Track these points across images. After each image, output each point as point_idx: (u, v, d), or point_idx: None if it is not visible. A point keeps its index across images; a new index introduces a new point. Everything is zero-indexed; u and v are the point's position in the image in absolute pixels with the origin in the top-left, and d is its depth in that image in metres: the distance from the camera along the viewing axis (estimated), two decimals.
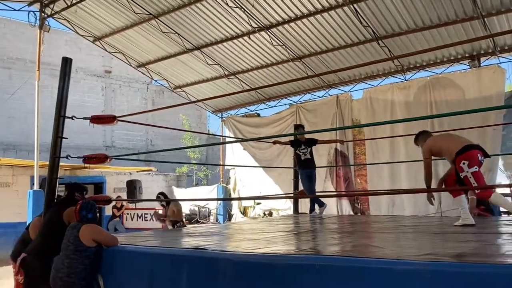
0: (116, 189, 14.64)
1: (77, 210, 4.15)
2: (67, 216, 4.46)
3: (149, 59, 12.68)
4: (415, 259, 2.55)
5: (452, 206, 10.07)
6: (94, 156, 5.10)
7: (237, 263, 3.07)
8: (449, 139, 4.76)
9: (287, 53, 11.13)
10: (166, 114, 22.07)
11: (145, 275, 3.63)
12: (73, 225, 4.14)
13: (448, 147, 4.60)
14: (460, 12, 8.82)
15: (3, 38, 17.95)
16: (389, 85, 11.25)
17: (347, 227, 5.72)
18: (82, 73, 19.86)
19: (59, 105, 5.00)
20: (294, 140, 7.31)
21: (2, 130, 17.63)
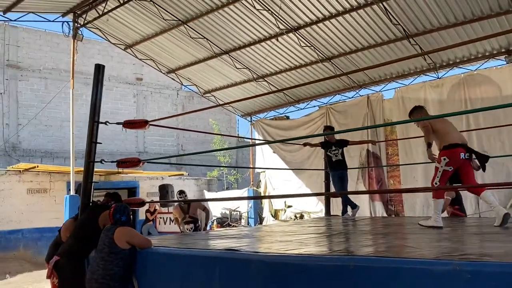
0: (149, 194, 14.89)
1: (111, 213, 4.23)
2: (102, 220, 4.56)
3: (178, 65, 12.86)
4: (453, 259, 2.46)
5: (490, 207, 9.77)
6: (127, 160, 5.22)
7: (270, 264, 3.05)
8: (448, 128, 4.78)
9: (315, 54, 11.05)
10: (196, 119, 22.32)
11: (178, 277, 3.67)
12: (108, 228, 4.22)
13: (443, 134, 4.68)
14: (494, 5, 8.52)
15: (39, 50, 18.59)
16: (421, 84, 10.98)
17: (380, 228, 5.60)
18: (114, 81, 20.33)
19: (92, 111, 5.13)
20: (324, 141, 7.24)
21: (39, 138, 18.25)
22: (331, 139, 7.12)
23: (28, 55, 18.33)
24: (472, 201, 9.87)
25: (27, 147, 18.02)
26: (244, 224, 14.61)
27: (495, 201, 4.68)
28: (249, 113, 14.81)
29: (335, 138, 7.17)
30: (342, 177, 7.05)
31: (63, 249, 4.49)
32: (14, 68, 17.94)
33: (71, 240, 4.54)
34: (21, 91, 18.04)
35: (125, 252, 3.99)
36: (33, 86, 18.30)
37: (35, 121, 18.00)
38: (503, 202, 9.42)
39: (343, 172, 7.07)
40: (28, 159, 16.99)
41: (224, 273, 3.30)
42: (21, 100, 17.97)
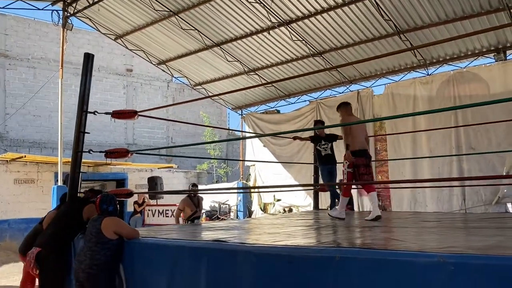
0: (138, 186, 14.84)
1: (98, 203, 4.21)
2: (87, 213, 4.55)
3: (169, 56, 12.78)
4: (438, 251, 2.49)
5: (477, 203, 9.91)
6: (115, 151, 5.18)
7: (257, 255, 3.06)
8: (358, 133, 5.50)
9: (307, 49, 11.05)
10: (187, 112, 22.24)
11: (166, 267, 3.66)
12: (95, 218, 4.21)
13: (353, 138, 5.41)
14: (485, 4, 8.59)
15: (27, 39, 18.35)
16: (411, 80, 11.05)
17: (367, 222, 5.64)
18: (104, 72, 20.16)
19: (81, 100, 5.08)
20: (314, 135, 7.23)
21: (27, 128, 18.06)
22: (321, 133, 7.13)
23: (17, 43, 18.09)
24: (459, 198, 10.00)
25: (15, 137, 17.82)
26: (233, 217, 14.63)
27: (376, 202, 5.44)
28: (239, 106, 14.79)
29: (325, 132, 7.17)
30: (331, 172, 7.05)
31: (44, 240, 4.41)
32: (2, 57, 17.70)
33: (52, 231, 4.47)
34: (9, 80, 17.82)
35: (112, 242, 3.98)
36: (21, 75, 18.08)
37: (23, 111, 17.79)
38: (489, 198, 9.57)
39: (332, 167, 7.06)
40: (15, 149, 16.82)
41: (211, 264, 3.31)
42: (9, 89, 17.75)
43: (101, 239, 3.96)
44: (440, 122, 10.01)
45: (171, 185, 15.38)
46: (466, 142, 9.95)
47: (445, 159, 9.99)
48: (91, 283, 3.89)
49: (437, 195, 10.25)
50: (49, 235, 4.44)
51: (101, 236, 3.97)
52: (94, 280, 3.89)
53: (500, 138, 9.42)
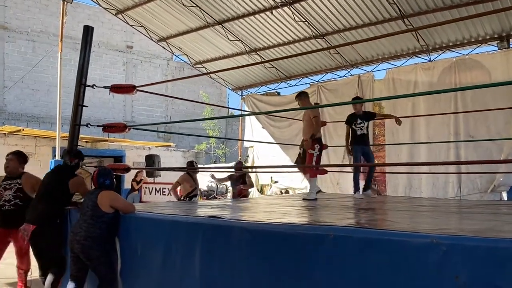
0: (135, 163, 14.85)
1: (95, 177, 4.21)
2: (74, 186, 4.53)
3: (170, 33, 12.65)
4: (431, 232, 2.51)
5: (472, 190, 9.96)
6: (113, 125, 5.17)
7: (252, 231, 3.08)
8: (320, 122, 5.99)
9: (309, 30, 10.94)
10: (186, 91, 22.14)
11: (161, 242, 3.69)
12: (91, 191, 4.23)
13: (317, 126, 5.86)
14: None
15: (27, 11, 18.13)
16: (413, 66, 10.98)
17: (364, 204, 5.67)
18: (104, 48, 19.99)
19: (80, 73, 5.05)
20: (350, 114, 6.66)
21: (26, 102, 17.99)
22: (358, 111, 6.56)
23: (16, 15, 17.88)
24: (454, 185, 10.05)
25: (13, 110, 17.76)
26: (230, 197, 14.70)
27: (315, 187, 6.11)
28: (240, 87, 14.71)
29: (362, 110, 6.64)
30: (366, 152, 6.54)
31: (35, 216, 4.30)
32: (1, 29, 17.50)
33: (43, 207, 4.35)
34: (8, 52, 17.66)
35: (108, 215, 4.00)
36: (20, 48, 17.92)
37: (21, 84, 17.69)
38: (484, 186, 9.62)
39: (366, 147, 6.55)
40: (13, 123, 16.77)
41: (206, 240, 3.33)
42: (8, 62, 17.61)
43: (96, 212, 3.98)
44: (440, 109, 9.99)
45: (168, 164, 15.42)
46: (465, 129, 9.94)
47: (442, 146, 10.01)
48: (85, 255, 3.92)
49: (432, 181, 10.30)
50: (41, 211, 4.33)
51: (97, 209, 3.99)
52: (89, 252, 3.92)
53: (500, 127, 9.41)
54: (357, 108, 6.58)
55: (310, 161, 5.85)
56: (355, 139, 6.53)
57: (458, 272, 2.21)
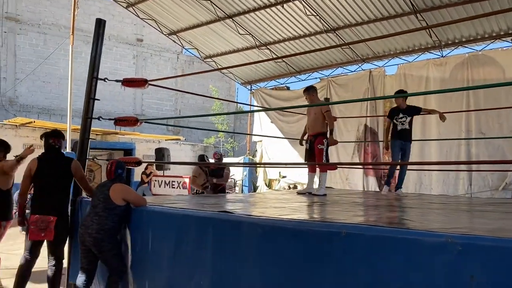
0: (145, 156, 14.92)
1: (113, 169, 4.23)
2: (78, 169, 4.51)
3: (180, 27, 12.64)
4: (446, 231, 2.48)
5: (483, 188, 9.87)
6: (125, 119, 5.18)
7: (263, 227, 3.07)
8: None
9: (320, 24, 10.86)
10: (195, 85, 22.15)
11: (172, 235, 3.70)
12: (103, 184, 4.25)
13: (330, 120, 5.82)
14: None
15: (38, 3, 18.21)
16: (425, 61, 10.87)
17: (374, 201, 5.65)
18: (114, 41, 20.03)
19: (92, 66, 5.06)
20: (392, 108, 6.51)
21: (37, 94, 18.12)
22: (401, 105, 6.32)
23: (28, 8, 17.97)
24: (465, 182, 9.97)
25: (24, 102, 17.89)
26: (238, 192, 14.74)
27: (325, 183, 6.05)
28: (249, 81, 14.68)
29: (406, 104, 6.38)
30: (403, 149, 6.27)
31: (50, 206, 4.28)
32: (13, 21, 17.61)
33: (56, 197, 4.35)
34: (20, 45, 17.77)
35: (120, 208, 4.02)
36: (31, 41, 18.02)
37: (33, 77, 17.81)
38: (495, 183, 9.53)
39: (406, 143, 6.29)
40: (25, 115, 16.90)
41: (216, 234, 3.33)
42: (19, 54, 17.72)
43: (109, 205, 4.01)
44: (451, 105, 9.88)
45: (178, 157, 15.46)
46: (476, 126, 9.84)
47: (453, 143, 9.92)
48: (98, 247, 3.95)
49: (443, 178, 10.22)
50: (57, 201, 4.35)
51: (109, 202, 4.01)
52: (101, 245, 3.94)
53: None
54: (399, 102, 6.33)
55: (321, 156, 5.78)
56: (395, 134, 6.33)
57: (473, 272, 2.19)
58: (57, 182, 4.39)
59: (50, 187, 4.36)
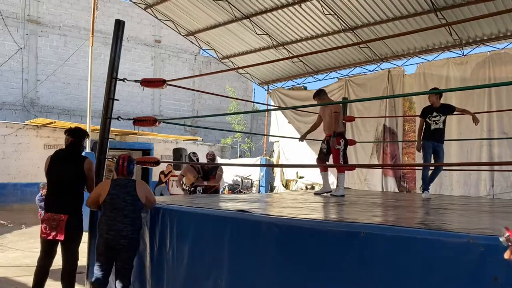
0: (163, 156, 15.06)
1: (126, 165, 4.13)
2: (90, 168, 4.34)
3: (198, 27, 12.70)
4: (468, 232, 2.43)
5: (505, 189, 9.64)
6: (144, 119, 5.21)
7: (280, 227, 3.05)
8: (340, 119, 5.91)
9: (338, 24, 10.78)
10: (213, 86, 22.24)
11: (190, 234, 3.72)
12: (123, 183, 4.05)
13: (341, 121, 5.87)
14: None
15: (59, 6, 18.52)
16: (445, 60, 10.70)
17: (394, 202, 5.58)
18: (133, 42, 20.25)
19: (111, 67, 5.10)
20: (426, 107, 6.19)
21: (57, 95, 18.43)
22: (434, 103, 5.99)
23: (49, 11, 18.29)
24: (487, 183, 9.77)
25: (45, 103, 18.22)
26: (255, 192, 14.73)
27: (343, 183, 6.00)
28: (266, 81, 14.67)
29: (440, 102, 6.04)
30: (437, 150, 5.93)
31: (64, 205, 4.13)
32: (34, 24, 17.95)
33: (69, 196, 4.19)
34: (41, 47, 18.10)
35: (143, 206, 4.07)
36: (52, 43, 18.34)
37: (53, 78, 18.13)
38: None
39: (439, 144, 5.96)
40: (45, 115, 17.22)
41: (234, 234, 3.33)
42: (41, 56, 18.05)
43: (137, 206, 4.00)
44: (473, 104, 9.68)
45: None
46: (498, 126, 9.64)
47: (474, 143, 9.73)
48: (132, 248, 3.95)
49: (464, 179, 10.04)
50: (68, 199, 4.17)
51: (137, 202, 3.98)
52: (135, 245, 4.00)
53: None
54: (433, 100, 6.00)
55: (338, 157, 5.76)
56: (428, 133, 5.98)
57: (496, 273, 2.13)
58: (69, 180, 4.22)
59: (61, 186, 4.21)
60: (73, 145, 4.41)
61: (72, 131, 4.47)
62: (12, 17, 17.43)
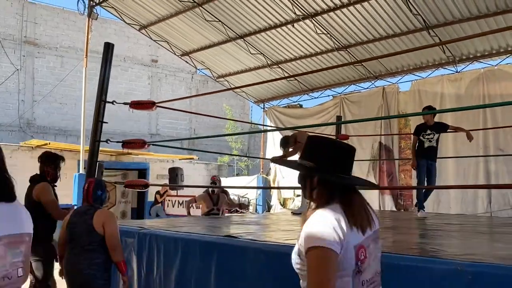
0: (159, 176, 14.93)
1: (91, 190, 3.62)
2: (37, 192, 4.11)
3: (193, 47, 12.76)
4: (456, 258, 2.36)
5: (503, 206, 9.55)
6: (132, 141, 5.18)
7: (267, 252, 2.99)
8: None
9: (332, 42, 10.83)
10: (210, 104, 22.28)
11: (177, 260, 3.64)
12: (83, 211, 3.64)
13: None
14: None
15: (56, 27, 18.66)
16: (439, 77, 10.71)
17: (388, 222, 5.50)
18: (129, 62, 20.35)
19: (100, 90, 5.09)
20: (420, 124, 6.23)
21: (53, 115, 18.42)
22: (428, 121, 6.04)
23: (46, 32, 18.42)
24: (484, 200, 9.68)
25: (41, 123, 18.20)
26: (252, 211, 14.60)
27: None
28: (262, 99, 14.68)
29: (433, 120, 6.09)
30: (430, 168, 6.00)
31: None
32: (31, 45, 18.06)
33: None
34: (37, 68, 18.17)
35: (101, 238, 3.48)
36: (49, 64, 18.42)
37: (50, 99, 18.15)
38: None
39: (432, 163, 6.01)
40: (42, 136, 17.17)
41: (221, 259, 3.26)
42: (37, 77, 18.11)
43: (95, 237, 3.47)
44: (468, 121, 9.66)
45: (191, 176, 15.44)
46: (494, 142, 9.60)
47: (471, 159, 9.67)
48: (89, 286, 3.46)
49: (461, 196, 9.94)
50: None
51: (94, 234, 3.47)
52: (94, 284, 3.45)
53: None
54: (427, 118, 6.03)
55: None
56: (421, 151, 6.00)
57: None
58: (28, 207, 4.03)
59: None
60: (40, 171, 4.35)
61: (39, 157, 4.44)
62: (9, 39, 17.54)
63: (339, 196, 1.65)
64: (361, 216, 1.63)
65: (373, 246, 1.65)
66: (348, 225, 1.56)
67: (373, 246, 1.65)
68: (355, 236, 1.56)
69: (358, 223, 1.59)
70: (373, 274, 1.63)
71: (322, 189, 1.68)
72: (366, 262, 1.58)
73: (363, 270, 1.56)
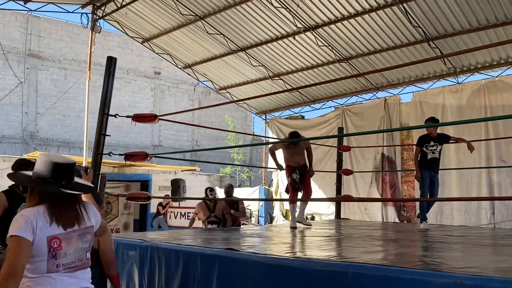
0: (162, 187, 14.93)
1: None
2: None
3: (195, 60, 12.86)
4: (456, 271, 2.36)
5: (506, 217, 9.51)
6: (135, 154, 5.19)
7: (268, 266, 2.99)
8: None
9: (333, 54, 10.91)
10: (212, 116, 22.36)
11: (178, 273, 3.63)
12: None
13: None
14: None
15: (60, 40, 18.84)
16: (440, 88, 10.76)
17: (390, 234, 5.48)
18: (132, 74, 20.49)
19: (103, 103, 5.11)
20: (423, 135, 6.17)
21: (57, 127, 18.52)
22: (432, 133, 5.98)
23: (49, 45, 18.59)
24: (487, 211, 9.64)
25: (45, 136, 18.29)
26: (255, 222, 14.56)
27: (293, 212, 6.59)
28: (264, 111, 14.74)
29: (437, 131, 6.04)
30: (433, 180, 5.95)
31: None
32: (35, 58, 18.22)
33: None
34: (41, 80, 18.32)
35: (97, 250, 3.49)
36: (52, 76, 18.56)
37: (53, 111, 18.26)
38: None
39: (435, 175, 5.97)
40: (45, 148, 17.26)
41: (222, 272, 3.26)
42: (41, 90, 18.24)
43: None
44: (470, 132, 9.66)
45: (194, 187, 15.43)
46: (496, 153, 9.59)
47: (474, 171, 9.65)
48: None
49: (464, 207, 9.91)
50: None
51: None
52: None
53: None
54: (430, 129, 5.98)
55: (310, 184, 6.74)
56: (424, 163, 5.93)
57: None
58: None
59: None
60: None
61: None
62: (14, 51, 17.70)
63: (47, 200, 2.09)
64: (63, 216, 2.08)
65: (76, 238, 2.10)
66: (47, 220, 2.01)
67: (76, 239, 2.10)
68: (51, 230, 2.02)
69: (59, 221, 2.04)
70: (74, 259, 2.09)
71: (34, 194, 2.13)
72: (61, 250, 2.04)
73: (59, 256, 2.03)
